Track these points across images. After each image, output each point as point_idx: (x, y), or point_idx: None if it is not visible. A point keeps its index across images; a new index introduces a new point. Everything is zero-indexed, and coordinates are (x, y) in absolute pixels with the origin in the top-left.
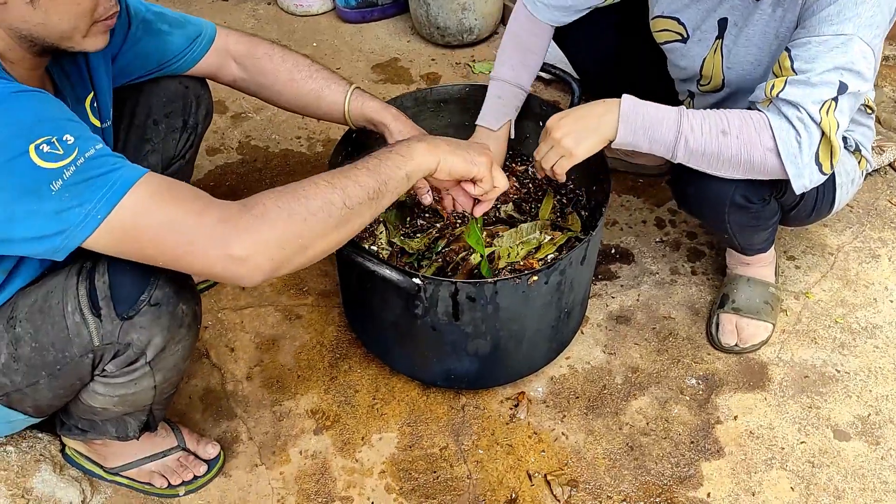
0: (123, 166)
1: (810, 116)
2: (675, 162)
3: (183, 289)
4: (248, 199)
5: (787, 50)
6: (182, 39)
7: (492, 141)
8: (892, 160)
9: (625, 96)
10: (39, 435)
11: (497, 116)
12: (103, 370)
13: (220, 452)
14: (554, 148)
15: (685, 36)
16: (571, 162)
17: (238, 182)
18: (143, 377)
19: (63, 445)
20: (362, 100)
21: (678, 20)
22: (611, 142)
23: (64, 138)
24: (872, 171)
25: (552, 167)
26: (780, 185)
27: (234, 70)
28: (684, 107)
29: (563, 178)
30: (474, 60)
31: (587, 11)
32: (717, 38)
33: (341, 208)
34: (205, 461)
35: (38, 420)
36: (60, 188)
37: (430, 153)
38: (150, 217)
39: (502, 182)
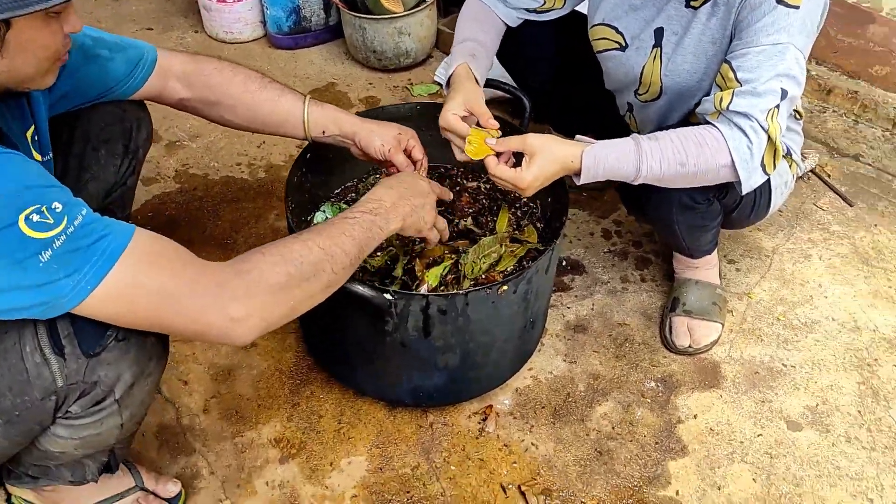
0: (111, 232)
1: (759, 124)
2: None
3: None
4: (241, 259)
5: (728, 62)
6: (123, 65)
7: (473, 89)
8: (813, 166)
9: (585, 150)
10: None
11: (480, 73)
12: (67, 412)
13: (180, 490)
14: (517, 191)
15: (623, 45)
16: (524, 194)
17: (178, 211)
18: (110, 416)
19: (8, 495)
20: (321, 106)
21: (616, 29)
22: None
23: (53, 206)
24: (797, 177)
25: (505, 185)
26: (723, 187)
27: (180, 91)
28: (640, 138)
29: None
30: (412, 83)
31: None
32: (655, 46)
33: (329, 274)
34: (165, 500)
35: None
36: (49, 259)
37: (398, 220)
38: (143, 288)
39: (442, 227)
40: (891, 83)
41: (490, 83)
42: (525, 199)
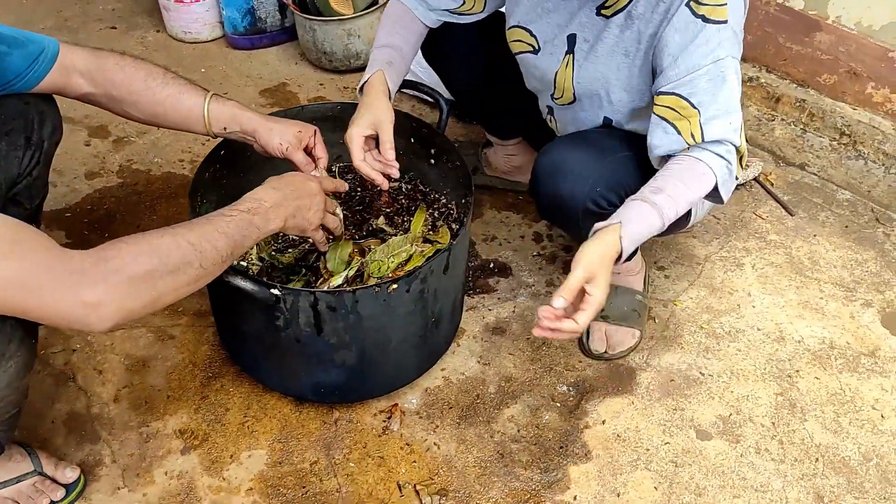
0: None
1: (733, 144)
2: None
3: None
4: (105, 247)
5: (676, 94)
6: (22, 59)
7: (384, 109)
8: (757, 174)
9: (622, 238)
10: None
11: (394, 81)
12: None
13: (80, 476)
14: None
15: (536, 48)
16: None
17: (116, 205)
18: None
19: None
20: (223, 102)
21: (530, 31)
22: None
23: None
24: (738, 185)
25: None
26: (629, 192)
27: (84, 86)
28: (651, 197)
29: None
30: None
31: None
32: (568, 52)
33: (197, 269)
34: (63, 485)
35: None
36: None
37: (279, 220)
38: None
39: (333, 225)
40: (839, 92)
41: (409, 84)
42: (443, 201)
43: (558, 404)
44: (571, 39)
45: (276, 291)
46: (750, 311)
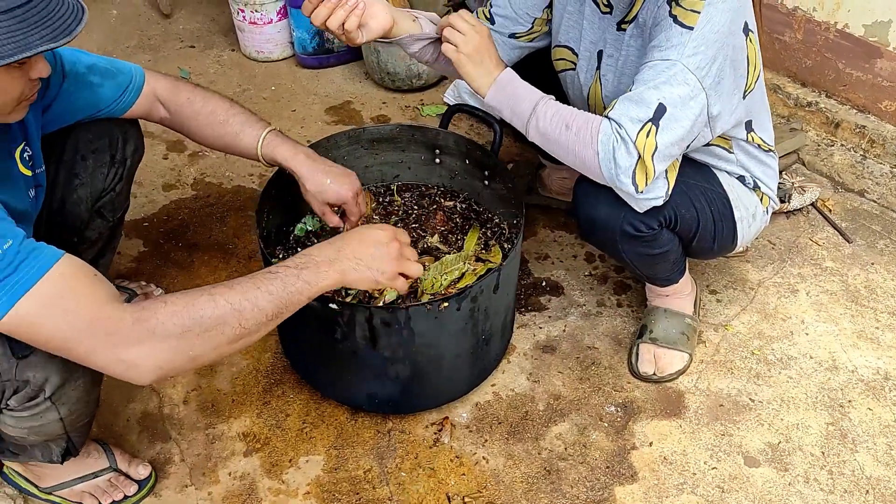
0: (24, 269)
1: (627, 133)
2: (529, 139)
3: None
4: (143, 307)
5: (634, 79)
6: (113, 90)
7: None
8: (813, 200)
9: (508, 69)
10: None
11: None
12: (7, 405)
13: (151, 473)
14: (465, 35)
15: (576, 65)
16: (450, 52)
17: (190, 216)
18: (47, 411)
19: (1, 464)
20: (274, 145)
21: (572, 49)
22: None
23: None
24: (795, 209)
25: (448, 32)
26: (670, 216)
27: (162, 111)
28: (553, 97)
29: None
30: (423, 104)
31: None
32: (597, 68)
33: (236, 328)
34: (136, 481)
35: None
36: None
37: (334, 275)
38: (42, 328)
39: (414, 272)
40: None
41: (464, 108)
42: (496, 220)
43: (606, 424)
44: (600, 56)
45: (333, 306)
46: (803, 338)
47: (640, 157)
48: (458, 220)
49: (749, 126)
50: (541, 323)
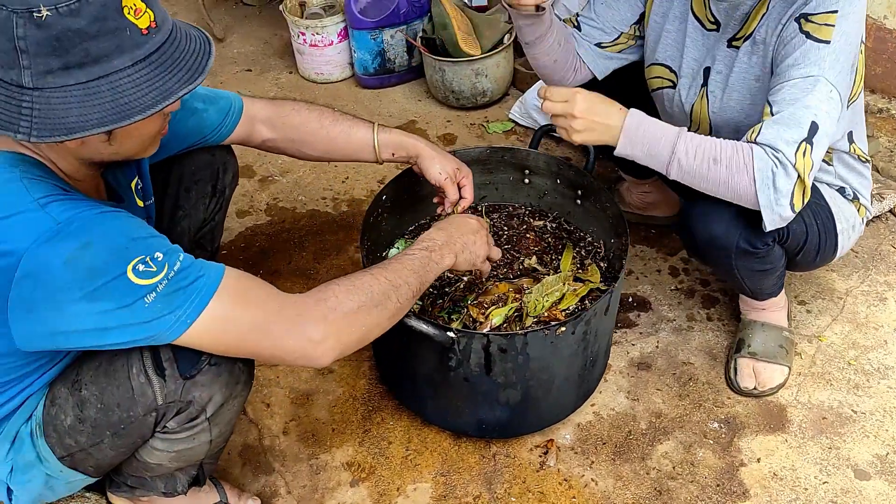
0: (205, 274)
1: (785, 156)
2: (670, 178)
3: None
4: (319, 290)
5: (767, 100)
6: (216, 115)
7: None
8: (892, 206)
9: (632, 111)
10: (87, 494)
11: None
12: (164, 427)
13: None
14: (565, 117)
15: (675, 83)
16: (566, 137)
17: (267, 242)
18: (202, 432)
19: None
20: (388, 131)
21: (670, 68)
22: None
23: (155, 256)
24: (874, 217)
25: (553, 119)
26: (782, 232)
27: (264, 133)
28: (686, 129)
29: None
30: (488, 121)
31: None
32: (703, 85)
33: (395, 303)
34: None
35: (93, 480)
36: (153, 300)
37: (451, 256)
38: (235, 320)
39: (496, 255)
40: None
41: (552, 131)
42: (589, 239)
43: (711, 441)
44: (706, 73)
45: (452, 334)
46: None
47: (799, 177)
48: (549, 239)
49: (850, 137)
50: (633, 340)
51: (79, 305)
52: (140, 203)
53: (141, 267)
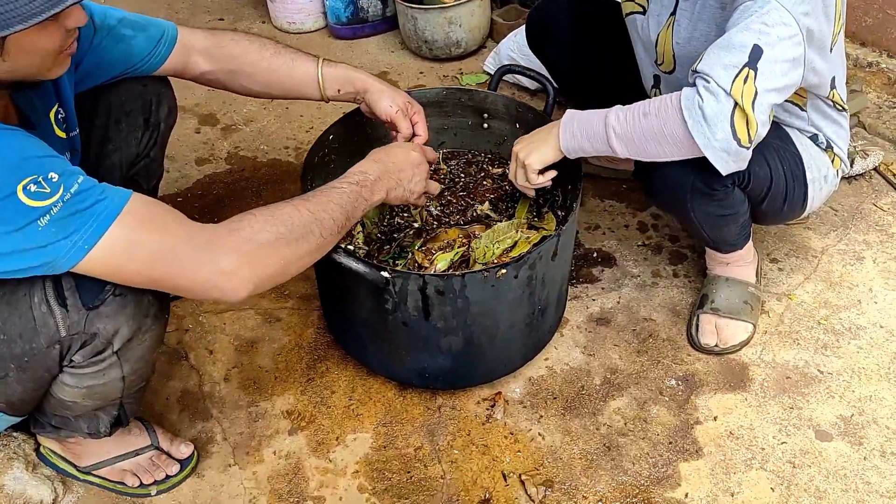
0: (107, 197)
1: (718, 84)
2: (622, 158)
3: None
4: (234, 220)
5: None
6: (145, 42)
7: None
8: (876, 164)
9: (567, 110)
10: (14, 434)
11: None
12: (71, 361)
13: (193, 452)
14: (516, 163)
15: (645, 8)
16: (529, 171)
17: (225, 191)
18: (111, 367)
19: (38, 445)
20: (334, 65)
21: None
22: (565, 154)
23: (49, 176)
24: (857, 174)
25: (519, 181)
26: (743, 174)
27: (201, 64)
28: (619, 105)
29: (531, 191)
30: (462, 73)
31: None
32: (671, 14)
33: (318, 237)
34: (178, 461)
35: (17, 420)
36: (47, 224)
37: (382, 192)
38: (139, 245)
39: (434, 190)
40: None
41: (515, 70)
42: (547, 188)
43: (667, 398)
44: (676, 1)
45: (385, 274)
46: (872, 307)
47: (736, 104)
48: (507, 186)
49: (833, 83)
50: (594, 295)
51: None
52: (61, 134)
53: (33, 187)
